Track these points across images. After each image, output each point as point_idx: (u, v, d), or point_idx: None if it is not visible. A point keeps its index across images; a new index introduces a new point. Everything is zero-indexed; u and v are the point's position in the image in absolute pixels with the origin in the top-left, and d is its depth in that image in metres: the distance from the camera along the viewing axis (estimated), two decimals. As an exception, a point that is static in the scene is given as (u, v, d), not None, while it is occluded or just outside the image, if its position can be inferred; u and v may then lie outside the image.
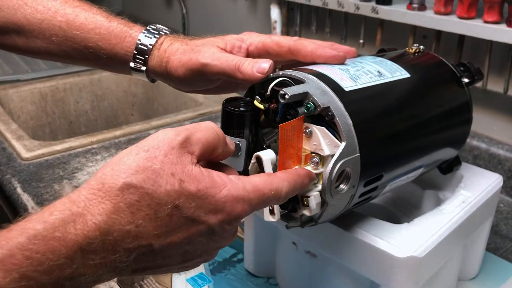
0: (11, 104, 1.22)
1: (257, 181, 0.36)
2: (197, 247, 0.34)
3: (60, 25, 0.53)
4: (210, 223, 0.33)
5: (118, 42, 0.52)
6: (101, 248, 0.30)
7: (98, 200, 0.31)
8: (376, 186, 0.44)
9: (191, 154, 0.34)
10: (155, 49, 0.51)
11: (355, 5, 0.86)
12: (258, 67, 0.44)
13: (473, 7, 0.72)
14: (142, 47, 0.51)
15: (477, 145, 0.82)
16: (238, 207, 0.34)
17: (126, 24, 0.53)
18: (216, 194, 0.33)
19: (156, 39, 0.51)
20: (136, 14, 1.70)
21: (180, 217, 0.32)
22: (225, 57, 0.47)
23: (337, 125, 0.39)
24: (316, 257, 0.51)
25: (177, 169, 0.32)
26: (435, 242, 0.45)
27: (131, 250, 0.31)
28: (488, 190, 0.54)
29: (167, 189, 0.31)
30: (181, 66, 0.49)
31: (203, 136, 0.35)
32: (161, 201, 0.31)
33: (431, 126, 0.48)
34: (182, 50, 0.49)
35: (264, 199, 0.35)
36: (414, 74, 0.49)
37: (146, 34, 0.52)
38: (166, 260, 0.34)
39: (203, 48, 0.48)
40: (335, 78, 0.42)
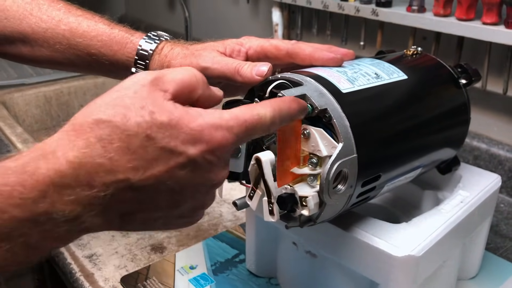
0: (16, 108, 1.24)
1: (236, 110, 0.35)
2: (183, 183, 0.33)
3: (63, 33, 0.54)
4: (189, 154, 0.32)
5: (119, 48, 0.53)
6: (75, 183, 0.30)
7: (69, 138, 0.31)
8: (374, 187, 0.44)
9: (164, 91, 0.33)
10: (156, 54, 0.52)
11: (355, 8, 0.87)
12: (257, 70, 0.45)
13: (472, 9, 0.72)
14: (143, 52, 0.52)
15: (478, 146, 0.82)
16: (217, 134, 0.33)
17: (127, 31, 0.54)
18: (190, 122, 0.32)
19: (157, 44, 0.53)
20: (139, 18, 1.72)
21: (155, 148, 0.31)
22: (225, 61, 0.48)
23: (334, 127, 0.40)
24: (316, 257, 0.52)
25: (147, 102, 0.32)
26: (433, 241, 0.46)
27: (107, 185, 0.30)
28: (486, 190, 0.54)
29: (137, 120, 0.31)
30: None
31: (177, 75, 0.34)
32: (132, 133, 0.31)
33: (429, 127, 0.49)
34: (183, 54, 0.50)
35: (246, 125, 0.34)
36: (412, 76, 0.49)
37: (146, 40, 0.53)
38: (152, 201, 0.33)
39: (203, 53, 0.49)
40: (332, 80, 0.43)
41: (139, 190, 0.32)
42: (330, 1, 0.91)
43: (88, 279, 0.61)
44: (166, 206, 0.34)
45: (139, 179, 0.31)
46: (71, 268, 0.63)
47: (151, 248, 0.67)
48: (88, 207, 0.31)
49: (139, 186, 0.31)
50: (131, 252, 0.66)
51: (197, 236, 0.69)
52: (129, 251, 0.66)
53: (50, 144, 0.31)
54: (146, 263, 0.64)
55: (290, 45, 0.48)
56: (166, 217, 0.35)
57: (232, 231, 0.70)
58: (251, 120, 0.34)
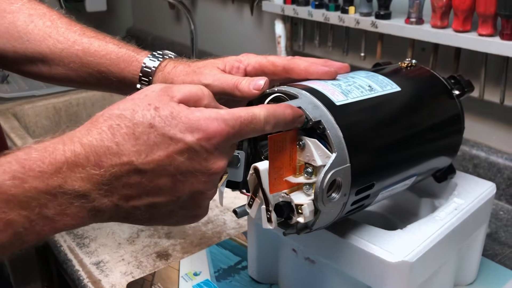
0: (27, 119, 1.27)
1: (233, 108, 0.39)
2: (182, 169, 0.37)
3: (77, 53, 0.58)
4: (187, 141, 0.36)
5: (126, 66, 0.57)
6: (86, 162, 0.35)
7: (86, 127, 0.36)
8: (368, 195, 0.46)
9: (171, 96, 0.38)
10: (159, 71, 0.55)
11: (355, 20, 0.89)
12: (254, 84, 0.47)
13: (468, 21, 0.74)
14: (147, 69, 0.56)
15: (477, 154, 0.84)
16: (213, 124, 0.37)
17: (134, 50, 0.58)
18: (189, 114, 0.37)
19: (160, 62, 0.56)
20: (147, 30, 1.75)
21: (156, 135, 0.36)
22: (225, 77, 0.50)
23: (328, 137, 0.42)
24: (315, 263, 0.54)
25: (154, 101, 0.37)
26: (427, 247, 0.47)
27: (113, 166, 0.35)
28: (481, 197, 0.56)
29: (143, 113, 0.36)
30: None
31: (186, 87, 0.39)
32: (137, 121, 0.36)
33: (422, 137, 0.51)
34: (185, 72, 0.53)
35: (241, 120, 0.38)
36: (405, 88, 0.51)
37: (151, 58, 0.56)
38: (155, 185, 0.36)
39: (204, 70, 0.52)
40: (327, 93, 0.45)
41: (142, 173, 0.36)
42: (330, 13, 0.93)
43: (95, 286, 0.63)
44: (167, 191, 0.37)
45: (142, 162, 0.36)
46: (79, 275, 0.65)
47: (157, 255, 0.69)
48: (96, 185, 0.35)
49: (142, 169, 0.36)
50: (137, 259, 0.68)
51: (201, 244, 0.71)
52: (135, 258, 0.68)
53: (69, 133, 0.36)
54: (151, 270, 0.66)
55: (286, 61, 0.50)
56: (169, 205, 0.38)
57: (235, 239, 0.72)
58: (246, 117, 0.38)
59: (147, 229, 0.75)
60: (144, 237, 0.73)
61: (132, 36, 1.75)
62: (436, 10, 0.77)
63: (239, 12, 1.32)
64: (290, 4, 1.03)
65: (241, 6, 1.30)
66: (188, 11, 1.30)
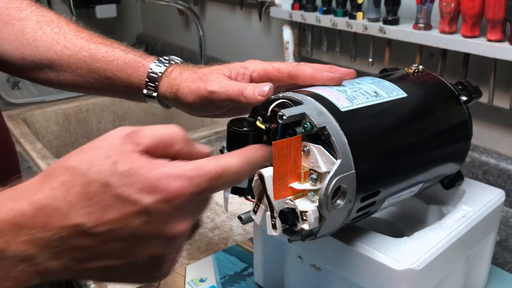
0: (37, 124, 1.28)
1: (201, 160, 0.35)
2: (137, 233, 0.33)
3: (84, 59, 0.59)
4: (143, 203, 0.32)
5: (132, 71, 0.57)
6: (32, 224, 0.31)
7: (40, 181, 0.33)
8: (374, 202, 0.46)
9: (137, 145, 0.34)
10: (165, 77, 0.55)
11: (363, 26, 0.89)
12: (259, 90, 0.47)
13: (477, 26, 0.74)
14: (153, 75, 0.56)
15: (486, 161, 0.83)
16: (175, 183, 0.32)
17: (141, 56, 0.58)
18: (149, 172, 0.32)
19: (166, 67, 0.56)
20: (156, 36, 1.76)
21: (111, 195, 0.32)
22: (230, 84, 0.50)
23: (333, 144, 0.41)
24: (321, 270, 0.53)
25: (114, 153, 0.33)
26: (434, 255, 0.47)
27: (62, 228, 0.31)
28: (489, 205, 0.55)
29: (99, 168, 0.32)
30: (190, 93, 0.53)
31: (155, 131, 0.35)
32: (92, 179, 0.32)
33: (428, 143, 0.50)
34: (191, 78, 0.53)
35: (210, 175, 0.34)
36: (411, 94, 0.51)
37: (157, 64, 0.56)
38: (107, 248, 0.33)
39: (210, 77, 0.52)
40: (332, 99, 0.45)
41: (94, 236, 0.32)
42: (338, 19, 0.93)
43: (101, 291, 0.63)
44: (122, 255, 0.34)
45: (93, 225, 0.32)
46: (86, 280, 0.65)
47: (163, 261, 0.69)
48: (43, 249, 0.31)
49: (93, 232, 0.32)
50: (143, 265, 0.68)
51: (208, 250, 0.71)
52: (141, 264, 0.68)
53: (23, 185, 0.33)
54: (157, 276, 0.66)
55: (292, 67, 0.50)
56: (124, 269, 0.35)
57: (242, 245, 0.72)
58: (215, 171, 0.34)
59: (153, 234, 0.75)
60: (150, 243, 0.73)
61: (142, 43, 1.76)
62: (445, 16, 0.77)
63: (247, 18, 1.32)
64: (298, 10, 1.03)
65: (250, 12, 1.31)
66: (197, 17, 1.31)
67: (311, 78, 0.49)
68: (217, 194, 0.86)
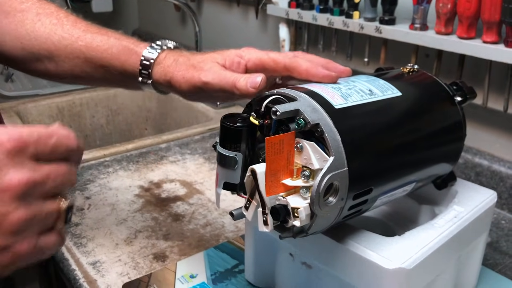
0: (30, 117, 1.27)
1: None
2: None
3: (80, 48, 0.59)
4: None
5: (126, 59, 0.57)
6: None
7: None
8: (366, 200, 0.46)
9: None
10: (157, 64, 0.55)
11: (360, 25, 0.89)
12: (251, 82, 0.47)
13: (473, 28, 0.74)
14: (145, 62, 0.56)
15: (479, 162, 0.83)
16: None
17: (134, 43, 0.58)
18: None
19: (158, 53, 0.56)
20: (152, 32, 1.75)
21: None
22: (224, 75, 0.50)
23: (326, 141, 0.41)
24: (312, 268, 0.53)
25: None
26: (425, 255, 0.47)
27: None
28: (481, 206, 0.55)
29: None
30: (184, 82, 0.53)
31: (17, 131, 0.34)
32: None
33: (422, 143, 0.50)
34: (185, 66, 0.53)
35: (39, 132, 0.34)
36: (406, 93, 0.51)
37: (149, 50, 0.56)
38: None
39: (204, 66, 0.52)
40: (326, 96, 0.45)
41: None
42: (335, 18, 0.93)
43: (91, 286, 0.63)
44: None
45: None
46: (75, 275, 0.65)
47: (154, 256, 0.68)
48: None
49: None
50: (133, 260, 0.68)
51: (199, 246, 0.71)
52: (132, 259, 0.68)
53: None
54: (148, 271, 0.65)
55: (288, 59, 0.50)
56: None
57: (233, 242, 0.72)
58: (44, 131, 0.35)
59: (145, 230, 0.75)
60: (141, 238, 0.72)
61: (138, 37, 1.75)
62: (441, 17, 0.77)
63: (244, 15, 1.32)
64: (295, 8, 1.02)
65: (246, 9, 1.30)
66: (194, 14, 1.30)
67: (306, 73, 0.49)
68: (210, 191, 0.85)
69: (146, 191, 0.87)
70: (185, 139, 1.08)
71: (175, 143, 1.06)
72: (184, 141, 1.08)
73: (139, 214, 0.79)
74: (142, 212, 0.79)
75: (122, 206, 0.81)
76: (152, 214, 0.79)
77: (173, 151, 1.03)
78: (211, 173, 0.93)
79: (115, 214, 0.79)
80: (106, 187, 0.88)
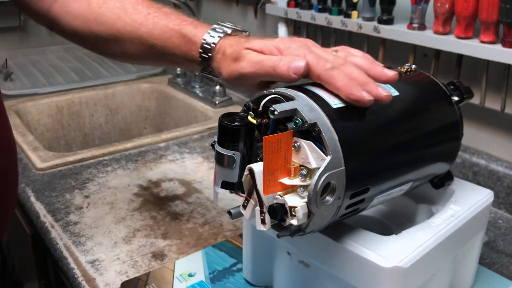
0: (29, 116, 1.27)
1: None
2: None
3: (143, 35, 0.61)
4: None
5: (187, 50, 0.58)
6: None
7: None
8: (363, 199, 0.46)
9: None
10: (216, 54, 0.55)
11: (358, 25, 0.89)
12: (294, 68, 0.46)
13: (470, 28, 0.74)
14: (203, 55, 0.56)
15: (477, 162, 0.83)
16: None
17: (192, 31, 0.57)
18: None
19: (214, 47, 0.55)
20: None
21: None
22: (260, 62, 0.50)
23: (323, 140, 0.41)
24: (309, 267, 0.54)
25: None
26: (421, 253, 0.47)
27: None
28: (478, 205, 0.55)
29: None
30: (228, 76, 0.54)
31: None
32: None
33: (419, 142, 0.51)
34: (229, 61, 0.54)
35: None
36: (403, 92, 0.51)
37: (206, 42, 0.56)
38: None
39: (242, 57, 0.52)
40: (324, 96, 0.45)
41: None
42: (333, 17, 0.93)
43: (89, 284, 0.63)
44: None
45: None
46: (74, 273, 0.65)
47: (152, 255, 0.69)
48: None
49: None
50: (132, 258, 0.68)
51: (197, 245, 0.71)
52: (131, 257, 0.68)
53: None
54: (146, 270, 0.65)
55: (323, 71, 0.46)
56: None
57: (231, 241, 0.72)
58: None
59: (143, 229, 0.75)
60: (140, 237, 0.73)
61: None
62: (439, 16, 0.77)
63: (243, 15, 1.32)
64: (294, 8, 1.03)
65: (245, 9, 1.30)
66: (193, 13, 1.30)
67: (337, 91, 0.46)
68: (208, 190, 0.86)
69: (144, 190, 0.87)
70: (184, 138, 1.08)
71: (174, 142, 1.07)
72: (183, 140, 1.08)
73: (138, 213, 0.79)
74: (141, 211, 0.80)
75: (121, 204, 0.82)
76: (151, 213, 0.79)
77: (172, 150, 1.03)
78: (210, 172, 0.93)
79: (113, 212, 0.79)
80: (105, 186, 0.88)
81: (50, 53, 1.62)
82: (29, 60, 1.55)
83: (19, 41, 1.59)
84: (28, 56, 1.58)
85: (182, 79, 1.41)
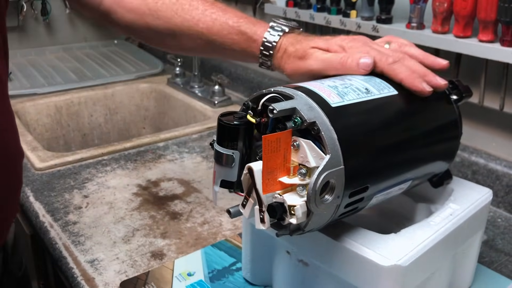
0: (28, 116, 1.27)
1: None
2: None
3: (202, 31, 0.62)
4: None
5: (246, 47, 0.60)
6: None
7: None
8: (362, 198, 0.46)
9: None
10: (278, 52, 0.58)
11: (357, 24, 0.89)
12: (362, 64, 0.51)
13: (469, 27, 0.74)
14: (265, 52, 0.58)
15: (476, 161, 0.83)
16: None
17: (251, 29, 0.60)
18: None
19: (275, 45, 0.58)
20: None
21: None
22: (328, 60, 0.53)
23: (322, 139, 0.41)
24: (308, 266, 0.54)
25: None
26: (420, 252, 0.47)
27: None
28: (477, 203, 0.56)
29: None
30: (293, 73, 0.57)
31: None
32: None
33: (418, 141, 0.51)
34: (292, 59, 0.56)
35: None
36: (402, 91, 0.51)
37: (267, 40, 0.58)
38: None
39: (308, 55, 0.55)
40: (323, 95, 0.45)
41: None
42: (332, 17, 0.94)
43: (88, 284, 0.63)
44: None
45: None
46: (73, 273, 0.65)
47: (151, 254, 0.69)
48: None
49: None
50: (131, 258, 0.68)
51: (197, 244, 0.71)
52: (130, 257, 0.68)
53: None
54: (145, 269, 0.65)
55: (387, 65, 0.51)
56: None
57: (231, 240, 0.72)
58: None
59: (142, 228, 0.75)
60: (139, 237, 0.73)
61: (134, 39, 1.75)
62: (437, 16, 0.77)
63: (242, 15, 1.32)
64: (292, 7, 1.03)
65: (244, 8, 1.30)
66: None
67: (400, 82, 0.51)
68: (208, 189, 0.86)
69: (144, 189, 0.87)
70: (183, 138, 1.08)
71: (173, 141, 1.07)
72: (182, 139, 1.08)
73: (137, 212, 0.79)
74: (140, 211, 0.80)
75: (120, 204, 0.82)
76: (150, 212, 0.79)
77: (171, 149, 1.03)
78: (209, 171, 0.93)
79: (113, 212, 0.79)
80: (104, 185, 0.88)
81: (49, 53, 1.62)
82: (28, 60, 1.55)
83: (18, 41, 1.59)
84: (27, 56, 1.58)
85: (181, 79, 1.41)
